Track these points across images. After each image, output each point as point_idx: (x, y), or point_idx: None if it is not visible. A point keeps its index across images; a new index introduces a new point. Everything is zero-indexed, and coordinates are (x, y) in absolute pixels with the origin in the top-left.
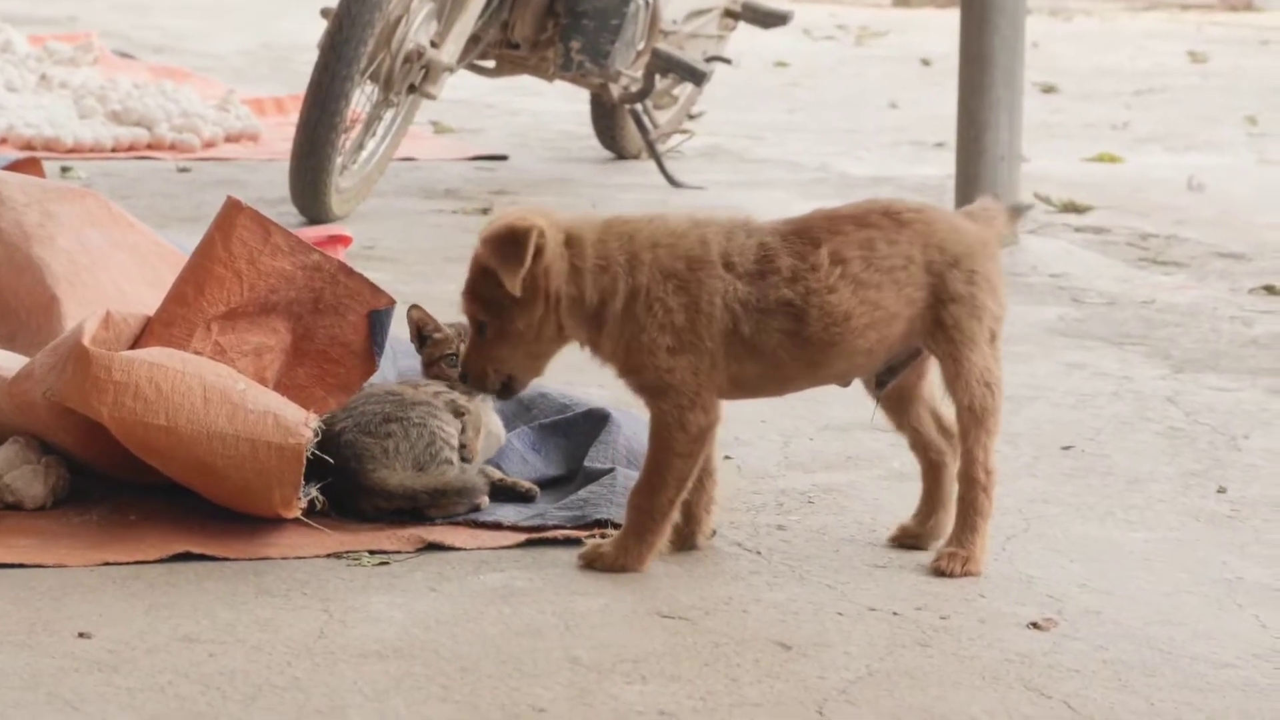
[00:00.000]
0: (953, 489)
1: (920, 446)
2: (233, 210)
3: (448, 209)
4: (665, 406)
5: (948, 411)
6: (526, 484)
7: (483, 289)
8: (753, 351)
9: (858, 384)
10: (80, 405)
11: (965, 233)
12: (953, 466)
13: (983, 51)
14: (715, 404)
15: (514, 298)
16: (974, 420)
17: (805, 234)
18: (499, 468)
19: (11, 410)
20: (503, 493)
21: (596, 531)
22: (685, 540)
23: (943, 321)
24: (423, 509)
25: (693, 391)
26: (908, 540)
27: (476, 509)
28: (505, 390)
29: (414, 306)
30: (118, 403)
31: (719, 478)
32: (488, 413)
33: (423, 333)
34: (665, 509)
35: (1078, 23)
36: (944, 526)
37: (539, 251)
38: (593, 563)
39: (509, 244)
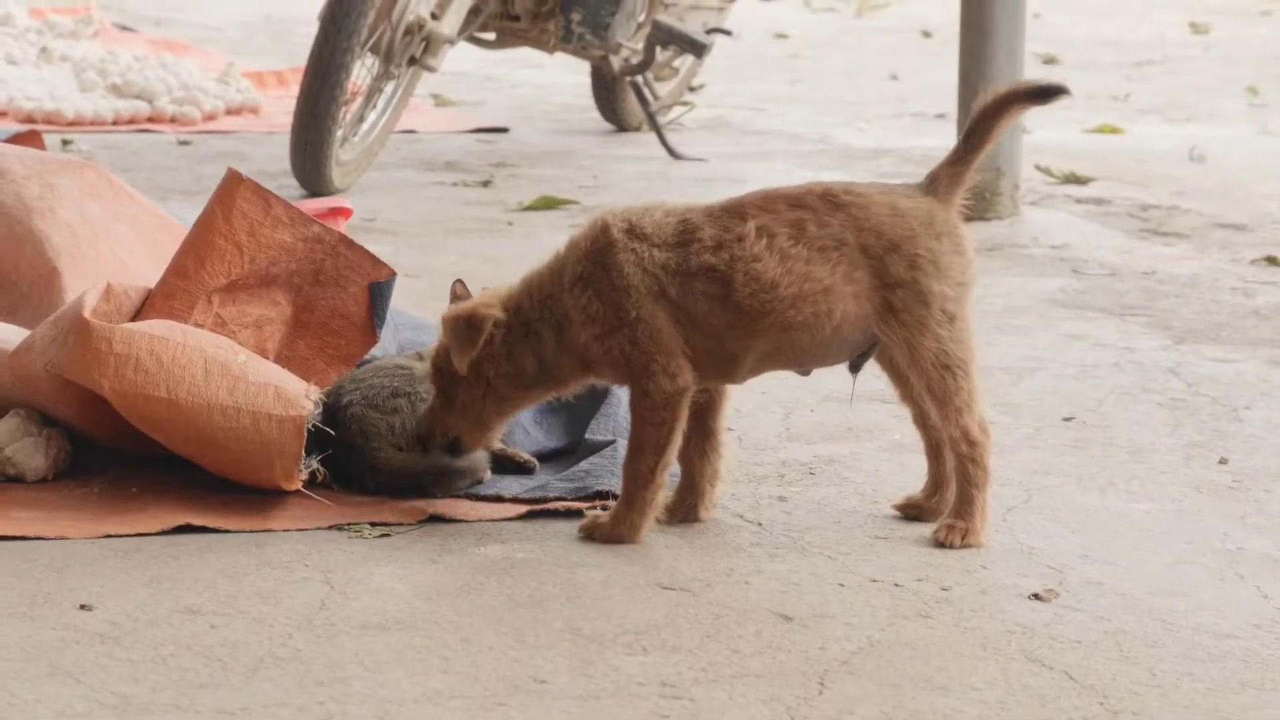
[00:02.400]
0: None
1: (922, 423)
2: (233, 182)
3: (448, 181)
4: (629, 380)
5: None
6: (524, 455)
7: (442, 362)
8: (689, 318)
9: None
10: (81, 377)
11: (906, 215)
12: None
13: (984, 22)
14: (681, 370)
15: (462, 375)
16: (936, 402)
17: (735, 211)
18: (501, 440)
19: (13, 383)
20: (501, 462)
21: (597, 503)
22: (688, 512)
23: (893, 306)
24: (425, 486)
25: (643, 361)
26: (912, 511)
27: (479, 483)
28: (453, 449)
29: (458, 281)
30: (118, 375)
31: (725, 452)
32: None
33: None
34: (647, 476)
35: None
36: (949, 503)
37: (490, 339)
38: (591, 534)
39: (465, 328)
